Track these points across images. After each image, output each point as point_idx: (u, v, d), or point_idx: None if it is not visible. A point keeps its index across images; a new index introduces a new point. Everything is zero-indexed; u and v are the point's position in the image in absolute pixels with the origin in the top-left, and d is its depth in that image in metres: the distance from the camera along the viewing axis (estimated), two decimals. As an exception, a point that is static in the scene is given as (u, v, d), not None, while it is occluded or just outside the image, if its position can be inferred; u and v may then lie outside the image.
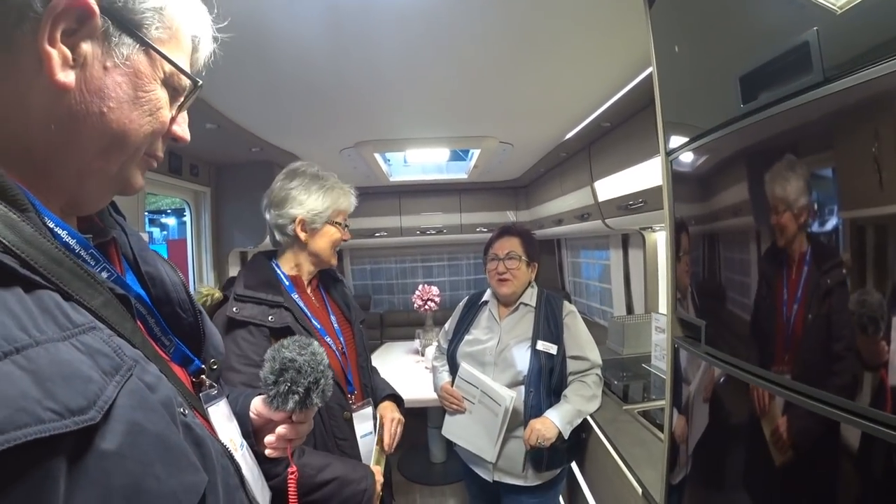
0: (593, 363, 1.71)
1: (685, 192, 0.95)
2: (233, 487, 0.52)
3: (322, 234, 1.23)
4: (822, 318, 0.58)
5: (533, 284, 1.84)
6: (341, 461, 1.08)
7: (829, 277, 0.57)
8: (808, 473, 0.64)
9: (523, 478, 1.65)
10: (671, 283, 1.00)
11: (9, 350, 0.31)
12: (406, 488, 3.02)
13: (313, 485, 0.97)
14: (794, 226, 0.62)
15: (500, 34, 1.28)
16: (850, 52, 0.51)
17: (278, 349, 0.69)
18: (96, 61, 0.42)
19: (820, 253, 0.58)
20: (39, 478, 0.31)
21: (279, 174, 1.25)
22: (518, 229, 1.85)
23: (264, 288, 1.12)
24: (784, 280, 0.65)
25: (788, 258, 0.63)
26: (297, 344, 0.70)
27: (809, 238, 0.59)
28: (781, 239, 0.64)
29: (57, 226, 0.42)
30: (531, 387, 1.63)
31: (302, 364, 0.68)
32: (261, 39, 1.21)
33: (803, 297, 0.62)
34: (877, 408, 0.50)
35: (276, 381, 0.67)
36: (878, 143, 0.49)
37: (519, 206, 4.33)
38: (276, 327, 1.07)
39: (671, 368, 1.02)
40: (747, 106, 0.69)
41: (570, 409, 1.60)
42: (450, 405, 1.77)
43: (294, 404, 0.67)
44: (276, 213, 1.20)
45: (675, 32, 0.92)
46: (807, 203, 0.59)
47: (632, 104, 1.83)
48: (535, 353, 1.66)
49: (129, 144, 0.46)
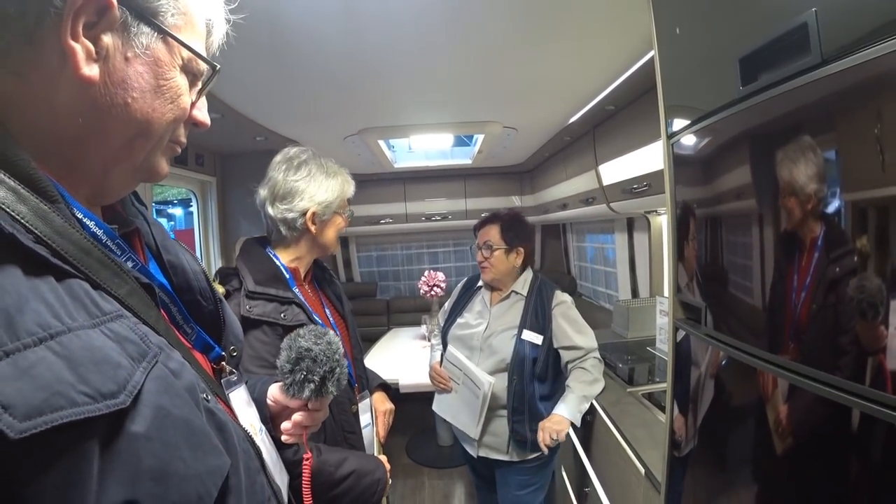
0: (587, 349, 1.71)
1: (686, 174, 0.95)
2: (254, 471, 0.53)
3: (331, 224, 1.21)
4: (824, 300, 0.59)
5: (530, 270, 1.85)
6: (354, 455, 1.10)
7: (831, 260, 0.57)
8: (805, 454, 0.65)
9: (508, 455, 1.73)
10: (672, 265, 1.01)
11: (44, 336, 0.32)
12: (414, 471, 3.07)
13: (334, 480, 1.00)
14: (795, 208, 0.62)
15: (504, 18, 1.27)
16: (848, 33, 0.51)
17: (294, 338, 0.71)
18: (118, 53, 0.42)
19: (821, 235, 0.58)
20: (76, 458, 0.32)
21: (274, 164, 1.19)
22: (501, 215, 1.86)
23: (274, 283, 1.08)
24: (785, 263, 0.65)
25: (789, 241, 0.64)
26: (314, 333, 0.72)
27: (810, 221, 0.60)
28: (782, 222, 0.65)
29: (85, 216, 0.43)
30: (514, 374, 1.68)
31: (318, 353, 0.69)
32: (265, 29, 1.21)
33: (804, 279, 0.62)
34: (877, 388, 0.51)
35: (292, 370, 0.68)
36: (878, 125, 0.49)
37: (524, 191, 4.32)
38: (291, 325, 1.05)
39: (672, 350, 1.03)
40: (747, 88, 0.68)
41: (574, 398, 1.63)
42: (437, 384, 1.87)
43: (310, 392, 0.68)
44: (283, 208, 1.14)
45: (677, 14, 0.91)
46: (807, 185, 0.59)
47: (636, 87, 1.82)
48: (521, 341, 1.70)
49: (154, 133, 0.47)
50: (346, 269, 4.86)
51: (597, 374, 1.70)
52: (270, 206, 1.15)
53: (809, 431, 0.65)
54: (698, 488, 0.97)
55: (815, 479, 0.64)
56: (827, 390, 0.57)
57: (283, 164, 1.17)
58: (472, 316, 1.87)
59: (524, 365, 1.67)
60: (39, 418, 0.30)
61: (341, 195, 1.21)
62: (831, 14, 0.53)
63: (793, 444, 0.67)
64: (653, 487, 1.25)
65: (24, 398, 0.30)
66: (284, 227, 1.16)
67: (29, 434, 0.29)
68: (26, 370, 0.31)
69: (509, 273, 1.81)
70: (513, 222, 1.83)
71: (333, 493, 0.99)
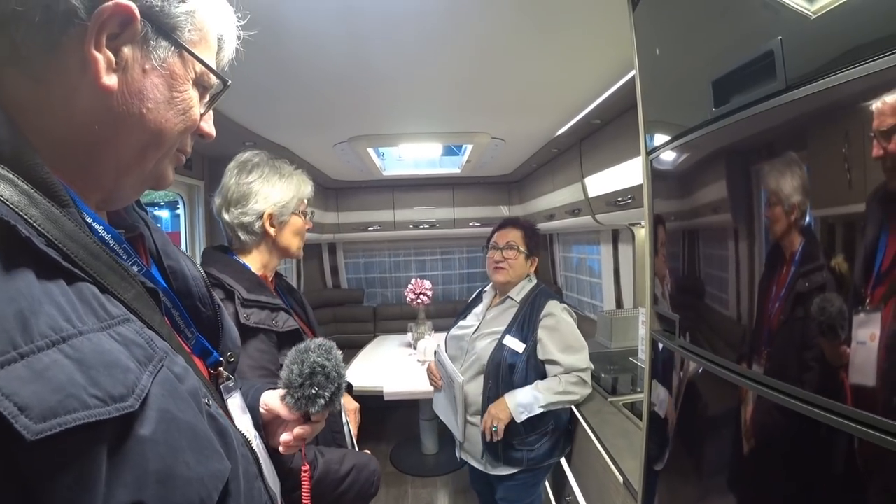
0: (568, 367, 1.67)
1: (663, 189, 0.98)
2: (252, 476, 0.54)
3: (290, 225, 1.18)
4: (790, 314, 0.61)
5: (531, 278, 1.87)
6: (349, 452, 1.13)
7: (798, 274, 0.59)
8: (773, 464, 0.67)
9: (483, 464, 1.74)
10: (650, 277, 1.04)
11: (56, 339, 0.33)
12: (398, 480, 3.05)
13: (339, 477, 1.02)
14: (762, 224, 0.65)
15: (492, 33, 1.30)
16: (810, 62, 0.54)
17: (305, 352, 0.70)
18: (136, 64, 0.43)
19: (788, 250, 0.61)
20: (86, 460, 0.33)
21: (227, 170, 1.17)
22: (522, 223, 1.90)
23: (261, 290, 1.07)
24: (753, 276, 0.68)
25: (758, 255, 0.66)
26: (323, 349, 0.72)
27: (777, 236, 0.62)
28: (751, 237, 0.68)
29: (94, 221, 0.44)
30: (489, 379, 1.69)
31: (331, 370, 0.69)
32: (256, 36, 1.22)
33: (770, 292, 0.65)
34: (839, 401, 0.52)
35: (302, 385, 0.68)
36: (836, 147, 0.52)
37: (511, 201, 4.36)
38: (284, 332, 1.05)
39: (649, 361, 1.06)
40: (719, 109, 0.71)
41: (527, 393, 1.63)
42: (431, 382, 1.95)
43: (319, 408, 0.69)
44: (238, 212, 1.12)
45: (657, 35, 0.95)
46: (774, 203, 0.62)
47: (621, 102, 1.86)
48: (500, 346, 1.71)
49: (165, 142, 0.48)
50: (333, 276, 4.85)
51: (569, 388, 1.66)
52: (226, 211, 1.14)
53: (777, 442, 0.67)
54: (673, 498, 0.99)
55: (783, 488, 0.66)
56: (795, 403, 0.59)
57: (235, 169, 1.16)
58: (470, 318, 1.92)
59: (500, 370, 1.68)
60: (54, 420, 0.30)
61: (297, 195, 1.19)
62: (795, 43, 0.56)
63: (762, 455, 0.69)
64: (630, 496, 1.27)
65: (39, 400, 0.30)
66: (243, 233, 1.14)
67: (44, 436, 0.30)
68: (41, 373, 0.31)
69: (520, 279, 1.84)
70: (534, 231, 1.88)
71: (340, 489, 1.01)
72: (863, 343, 0.48)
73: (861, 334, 0.49)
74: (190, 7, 0.46)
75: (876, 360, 0.47)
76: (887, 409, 0.46)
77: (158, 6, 0.44)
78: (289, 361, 0.70)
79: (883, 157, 0.45)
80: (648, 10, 0.96)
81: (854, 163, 0.49)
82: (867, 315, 0.48)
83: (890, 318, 0.45)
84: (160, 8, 0.44)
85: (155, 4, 0.43)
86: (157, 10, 0.44)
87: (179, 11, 0.46)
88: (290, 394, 0.69)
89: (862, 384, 0.49)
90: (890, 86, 0.44)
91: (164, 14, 0.44)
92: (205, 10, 0.49)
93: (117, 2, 0.40)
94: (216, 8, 0.51)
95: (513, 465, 1.69)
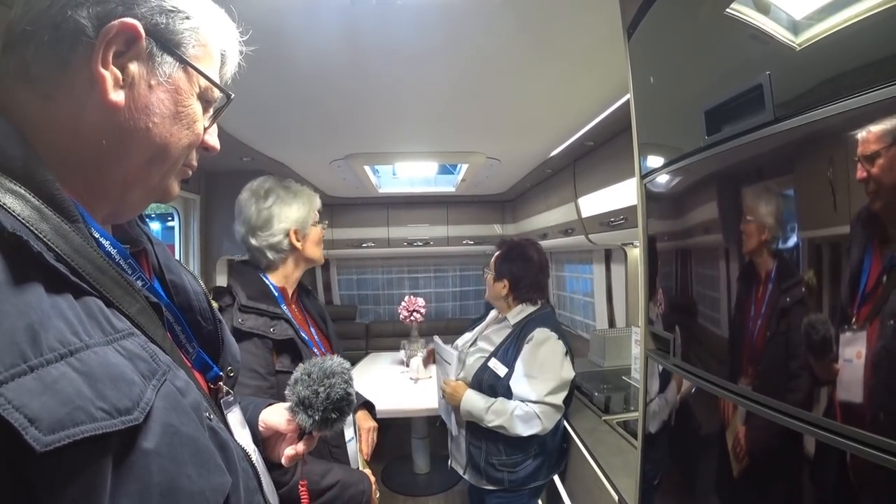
0: (516, 395, 1.62)
1: (657, 212, 1.01)
2: (252, 490, 0.54)
3: (311, 237, 1.29)
4: (777, 331, 0.64)
5: (536, 302, 1.83)
6: (339, 467, 1.13)
7: (783, 293, 0.62)
8: (766, 480, 0.69)
9: (466, 475, 1.79)
10: (644, 297, 1.06)
11: (64, 353, 0.33)
12: (390, 499, 3.01)
13: (318, 490, 1.02)
14: (754, 247, 0.68)
15: (491, 55, 1.34)
16: (797, 95, 0.57)
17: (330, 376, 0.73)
18: (142, 80, 0.45)
19: (774, 270, 0.64)
20: (92, 472, 0.33)
21: (242, 201, 1.26)
22: (504, 244, 1.92)
23: (264, 299, 1.15)
24: (743, 296, 0.71)
25: (749, 276, 0.69)
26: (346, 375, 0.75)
27: (765, 257, 0.65)
28: (743, 259, 0.70)
29: (101, 236, 0.45)
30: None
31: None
32: (257, 52, 1.25)
33: (759, 311, 0.67)
34: (829, 418, 0.55)
35: (325, 409, 0.70)
36: (821, 173, 0.55)
37: (505, 220, 4.40)
38: (280, 339, 1.11)
39: (644, 380, 1.07)
40: (711, 138, 0.75)
41: (481, 404, 1.65)
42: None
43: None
44: (266, 235, 1.22)
45: (651, 64, 0.99)
46: (764, 227, 0.65)
47: (614, 125, 1.90)
48: (484, 367, 1.74)
49: (170, 156, 0.49)
50: (325, 292, 4.82)
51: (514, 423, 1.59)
52: (252, 237, 1.23)
53: (770, 458, 0.68)
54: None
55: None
56: (789, 421, 0.61)
57: (251, 199, 1.25)
58: (477, 330, 1.97)
59: (480, 389, 1.71)
60: (62, 432, 0.31)
61: (311, 208, 1.30)
62: (783, 77, 0.60)
63: (755, 471, 0.71)
64: (625, 515, 1.28)
65: (48, 412, 0.31)
66: (272, 252, 1.23)
67: (53, 447, 0.30)
68: (50, 385, 0.32)
69: (497, 299, 1.87)
70: (509, 253, 1.85)
71: (318, 502, 1.01)
72: (849, 361, 0.51)
73: (848, 352, 0.51)
74: (193, 23, 0.48)
75: (862, 377, 0.49)
76: (874, 425, 0.48)
77: (163, 23, 0.45)
78: (308, 380, 0.72)
79: (866, 179, 0.48)
80: (643, 40, 1.00)
81: (839, 187, 0.52)
82: (854, 333, 0.51)
83: (875, 336, 0.48)
84: (164, 25, 0.46)
85: (159, 22, 0.45)
86: (161, 28, 0.45)
87: (183, 28, 0.47)
88: (306, 413, 0.70)
89: (850, 401, 0.52)
90: (871, 117, 0.47)
91: (168, 31, 0.46)
92: (208, 26, 0.51)
93: (123, 20, 0.41)
94: (219, 24, 0.53)
95: (494, 483, 1.71)
